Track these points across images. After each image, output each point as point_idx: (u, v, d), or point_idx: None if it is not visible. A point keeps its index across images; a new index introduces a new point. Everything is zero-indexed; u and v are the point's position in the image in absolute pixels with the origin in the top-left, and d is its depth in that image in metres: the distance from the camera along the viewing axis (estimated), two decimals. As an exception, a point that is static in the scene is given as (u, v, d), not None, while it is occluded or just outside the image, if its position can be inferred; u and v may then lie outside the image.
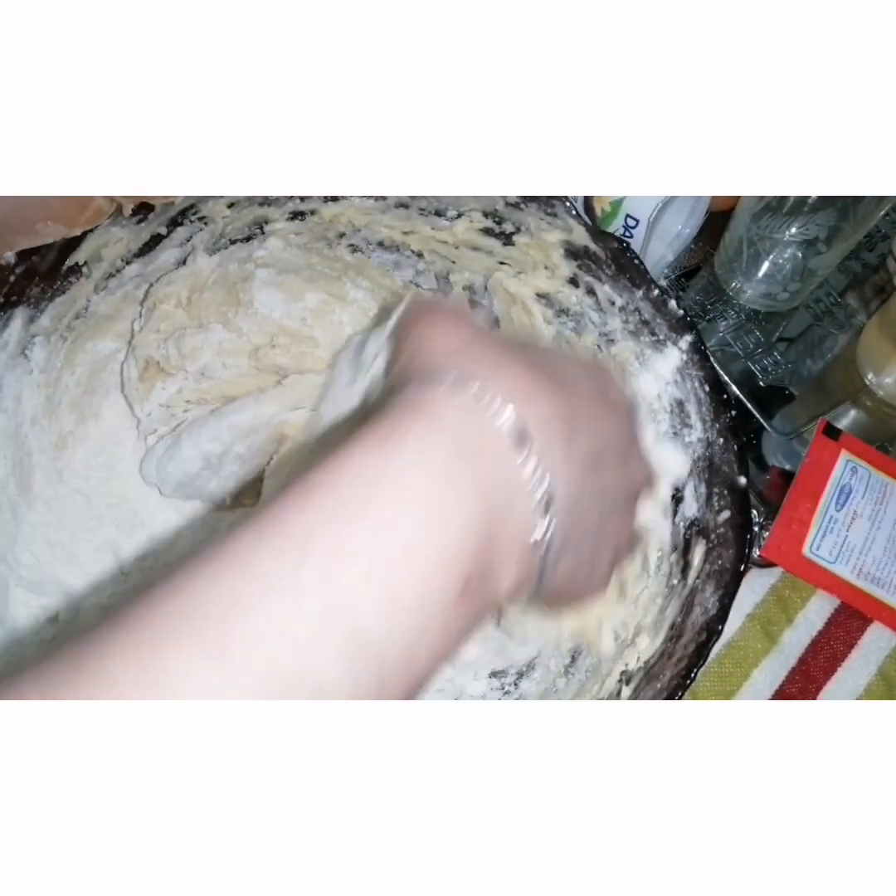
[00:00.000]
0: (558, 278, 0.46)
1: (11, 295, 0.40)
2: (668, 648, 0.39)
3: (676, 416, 0.42)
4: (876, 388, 0.50)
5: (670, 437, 0.42)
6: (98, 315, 0.45)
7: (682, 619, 0.39)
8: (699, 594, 0.39)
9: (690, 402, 0.42)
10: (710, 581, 0.39)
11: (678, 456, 0.42)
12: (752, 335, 0.58)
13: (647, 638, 0.40)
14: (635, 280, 0.42)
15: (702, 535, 0.40)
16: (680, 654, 0.38)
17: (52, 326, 0.43)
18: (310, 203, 0.47)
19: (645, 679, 0.39)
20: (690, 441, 0.42)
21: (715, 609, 0.38)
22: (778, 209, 0.52)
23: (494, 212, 0.45)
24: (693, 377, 0.41)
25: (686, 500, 0.42)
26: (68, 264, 0.42)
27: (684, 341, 0.42)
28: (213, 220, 0.46)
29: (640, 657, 0.40)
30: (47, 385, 0.44)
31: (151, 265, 0.46)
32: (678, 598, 0.40)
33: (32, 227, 0.38)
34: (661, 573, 0.42)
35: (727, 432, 0.40)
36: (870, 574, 0.50)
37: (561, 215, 0.43)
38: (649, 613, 0.41)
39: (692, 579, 0.40)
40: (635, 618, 0.42)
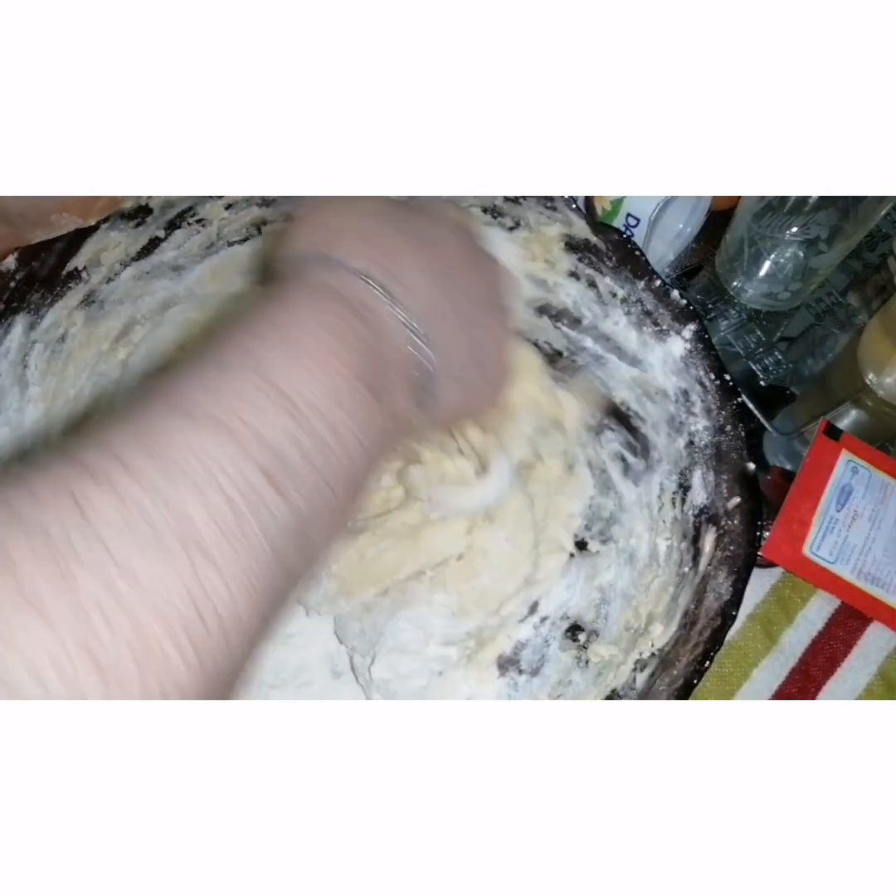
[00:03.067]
0: (559, 272, 0.46)
1: (12, 301, 0.40)
2: (683, 635, 0.39)
3: (682, 406, 0.42)
4: (877, 388, 0.49)
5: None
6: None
7: (695, 605, 0.39)
8: (712, 580, 0.39)
9: (695, 391, 0.42)
10: (723, 567, 0.39)
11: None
12: (753, 335, 0.58)
13: (661, 626, 0.40)
14: (637, 271, 0.42)
15: (712, 522, 0.40)
16: (695, 641, 0.38)
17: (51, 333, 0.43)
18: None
19: (661, 666, 0.39)
20: (696, 430, 0.42)
21: (729, 594, 0.38)
22: (779, 209, 0.52)
23: (493, 207, 0.45)
24: (698, 365, 0.42)
25: (694, 488, 0.42)
26: (68, 269, 0.42)
27: (688, 330, 0.42)
28: (210, 222, 0.46)
29: (654, 644, 0.40)
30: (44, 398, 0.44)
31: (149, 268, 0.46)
32: (690, 585, 0.40)
33: (48, 219, 0.38)
34: (671, 562, 0.42)
35: (734, 419, 0.40)
36: (870, 574, 0.50)
37: (561, 209, 0.43)
38: (661, 602, 0.41)
39: (704, 566, 0.40)
40: (647, 606, 0.42)
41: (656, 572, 0.43)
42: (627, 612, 0.43)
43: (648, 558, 0.44)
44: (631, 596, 0.44)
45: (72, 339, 0.44)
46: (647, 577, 0.43)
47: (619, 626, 0.44)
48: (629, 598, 0.44)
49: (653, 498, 0.45)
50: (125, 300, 0.46)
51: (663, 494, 0.44)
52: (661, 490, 0.44)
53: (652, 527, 0.44)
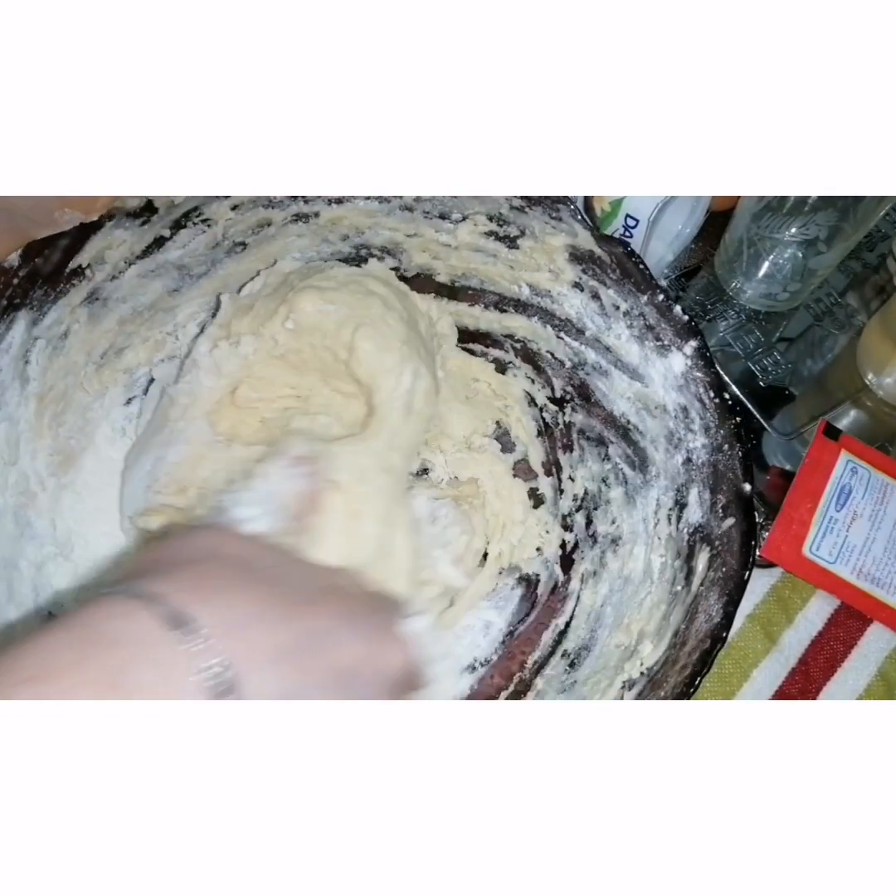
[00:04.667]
0: (562, 282, 0.46)
1: (14, 298, 0.40)
2: (672, 655, 0.39)
3: (680, 422, 0.42)
4: (876, 389, 0.49)
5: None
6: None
7: (685, 625, 0.39)
8: (703, 601, 0.39)
9: (694, 408, 0.42)
10: (714, 588, 0.38)
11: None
12: (753, 335, 0.58)
13: (651, 644, 0.40)
14: (640, 285, 0.42)
15: (706, 541, 0.40)
16: (684, 662, 0.38)
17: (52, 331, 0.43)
18: (314, 205, 0.47)
19: (649, 686, 0.39)
20: (694, 447, 0.42)
21: (719, 617, 0.38)
22: (778, 209, 0.52)
23: (499, 215, 0.45)
24: (698, 382, 0.41)
25: (690, 505, 0.42)
26: (71, 267, 0.42)
27: (689, 346, 0.42)
28: (215, 222, 0.46)
29: (643, 663, 0.40)
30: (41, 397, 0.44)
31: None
32: (682, 604, 0.40)
33: (51, 216, 0.39)
34: (664, 579, 0.42)
35: (732, 438, 0.40)
36: (870, 574, 0.50)
37: (566, 219, 0.43)
38: (653, 619, 0.41)
39: (696, 586, 0.39)
40: (639, 623, 0.42)
41: (649, 589, 0.42)
42: (618, 630, 0.43)
43: (643, 574, 0.43)
44: (622, 614, 0.43)
45: (74, 335, 0.44)
46: (640, 594, 0.43)
47: (609, 645, 0.43)
48: (621, 616, 0.43)
49: (649, 513, 0.44)
50: (128, 298, 0.46)
51: (659, 510, 0.44)
52: (658, 506, 0.44)
53: (647, 542, 0.44)
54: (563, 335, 0.47)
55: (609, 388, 0.46)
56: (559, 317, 0.47)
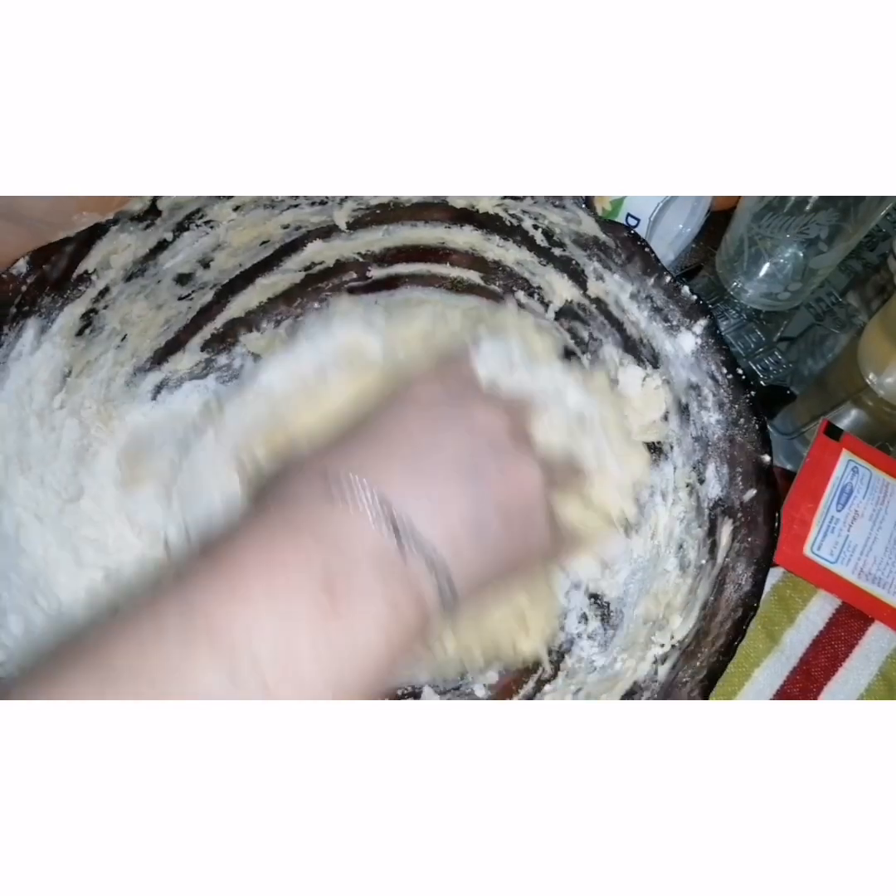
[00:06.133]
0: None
1: (24, 305, 0.40)
2: (703, 627, 0.39)
3: (693, 400, 0.42)
4: (877, 388, 0.49)
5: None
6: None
7: (714, 598, 0.39)
8: (730, 572, 0.39)
9: (707, 385, 0.42)
10: (741, 559, 0.39)
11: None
12: (754, 335, 0.58)
13: (679, 618, 0.40)
14: (646, 268, 0.43)
15: (728, 514, 0.40)
16: (716, 632, 0.38)
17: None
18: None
19: (682, 658, 0.39)
20: (708, 423, 0.42)
21: (749, 585, 0.38)
22: (779, 209, 0.52)
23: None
24: (710, 360, 0.42)
25: (708, 481, 0.42)
26: (78, 272, 0.42)
27: (699, 326, 0.42)
28: (218, 224, 0.46)
29: (673, 636, 0.40)
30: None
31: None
32: (707, 577, 0.40)
33: (69, 219, 0.39)
34: (687, 556, 0.42)
35: (748, 412, 0.41)
36: (871, 574, 0.50)
37: (569, 207, 0.43)
38: (679, 593, 0.41)
39: (721, 558, 0.40)
40: (666, 597, 0.42)
41: (672, 565, 0.43)
42: (647, 600, 0.43)
43: (665, 549, 0.44)
44: (649, 587, 0.44)
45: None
46: (663, 570, 0.43)
47: (637, 619, 0.44)
48: (648, 588, 0.44)
49: (668, 489, 0.45)
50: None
51: (679, 487, 0.44)
52: (676, 482, 0.44)
53: (668, 516, 0.45)
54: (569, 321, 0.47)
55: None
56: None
